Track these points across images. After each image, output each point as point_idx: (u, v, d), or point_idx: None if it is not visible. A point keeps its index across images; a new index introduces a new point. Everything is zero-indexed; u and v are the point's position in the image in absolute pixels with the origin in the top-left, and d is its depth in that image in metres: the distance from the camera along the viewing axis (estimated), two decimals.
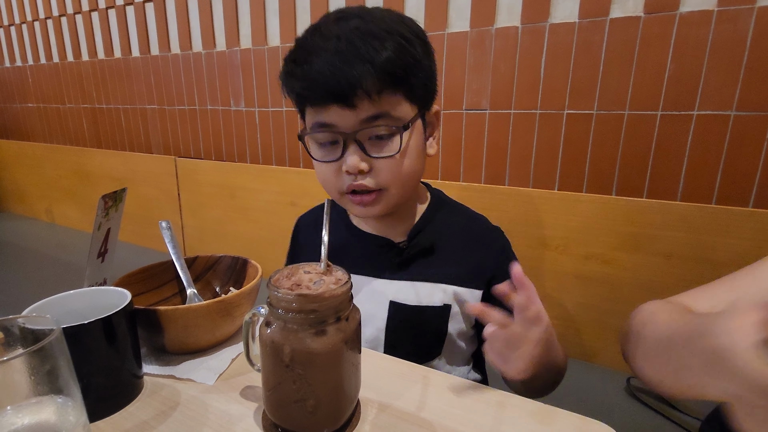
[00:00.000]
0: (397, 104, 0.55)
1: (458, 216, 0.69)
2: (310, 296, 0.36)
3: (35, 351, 0.30)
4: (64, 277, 1.61)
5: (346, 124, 0.55)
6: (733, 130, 0.90)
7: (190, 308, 0.48)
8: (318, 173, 0.62)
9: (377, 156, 0.56)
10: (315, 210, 0.78)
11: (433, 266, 0.64)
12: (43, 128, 2.33)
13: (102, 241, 0.58)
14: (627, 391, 0.94)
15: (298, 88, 0.56)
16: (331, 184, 0.60)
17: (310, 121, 0.58)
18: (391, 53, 0.52)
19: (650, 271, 0.96)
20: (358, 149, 0.56)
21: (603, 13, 0.97)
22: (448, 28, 1.14)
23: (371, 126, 0.55)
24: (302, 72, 0.54)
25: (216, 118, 1.67)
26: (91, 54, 1.96)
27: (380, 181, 0.57)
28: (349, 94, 0.52)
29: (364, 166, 0.56)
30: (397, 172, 0.57)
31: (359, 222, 0.68)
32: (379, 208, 0.60)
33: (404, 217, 0.66)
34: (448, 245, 0.65)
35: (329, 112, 0.55)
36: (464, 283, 0.63)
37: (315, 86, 0.54)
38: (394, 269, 0.64)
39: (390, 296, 0.63)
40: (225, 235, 1.69)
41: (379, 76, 0.52)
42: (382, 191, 0.58)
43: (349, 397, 0.40)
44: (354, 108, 0.53)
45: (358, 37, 0.52)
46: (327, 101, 0.54)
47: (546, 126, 1.07)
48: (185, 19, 1.62)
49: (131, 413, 0.43)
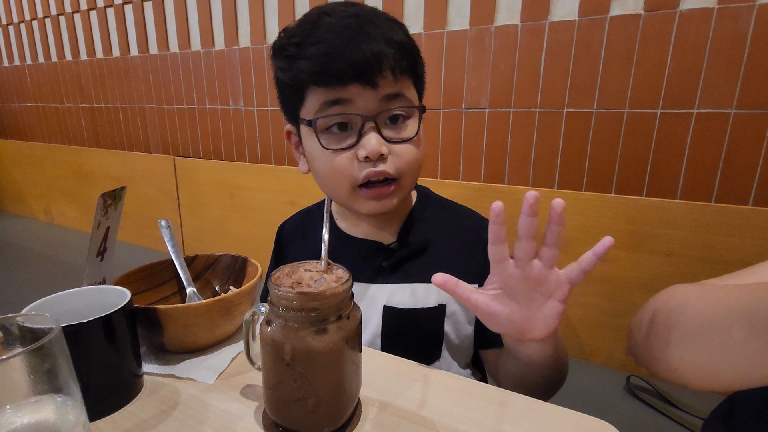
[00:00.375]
0: (409, 88, 0.55)
1: (447, 212, 0.67)
2: (311, 294, 0.35)
3: (35, 349, 0.30)
4: (63, 276, 1.61)
5: (365, 105, 0.51)
6: (733, 128, 0.90)
7: (190, 307, 0.47)
8: (324, 167, 0.56)
9: (394, 140, 0.53)
10: (299, 216, 0.73)
11: (426, 265, 0.61)
12: (42, 128, 2.32)
13: (101, 239, 0.58)
14: (627, 390, 0.94)
15: (310, 66, 0.51)
16: (343, 177, 0.54)
17: (314, 104, 0.53)
18: (404, 36, 0.53)
19: (650, 270, 0.96)
20: (378, 132, 0.52)
21: (603, 11, 0.96)
22: (448, 27, 1.14)
23: (390, 107, 0.52)
24: (318, 50, 0.50)
25: (215, 117, 1.66)
26: (89, 53, 1.96)
27: (397, 168, 0.54)
28: (374, 70, 0.50)
29: (385, 150, 0.52)
30: (414, 159, 0.55)
31: (347, 227, 0.65)
32: (395, 200, 0.56)
33: (394, 217, 0.63)
34: (439, 242, 0.63)
35: (348, 91, 0.51)
36: (458, 278, 0.61)
37: (336, 62, 0.49)
38: (386, 273, 0.62)
39: (383, 301, 0.61)
40: (224, 234, 1.68)
41: (399, 55, 0.51)
42: (396, 181, 0.55)
43: (350, 395, 0.39)
44: (375, 86, 0.50)
45: (376, 17, 0.52)
46: (349, 79, 0.50)
47: (546, 124, 1.07)
48: (184, 18, 1.62)
49: (131, 412, 0.43)
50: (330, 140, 0.54)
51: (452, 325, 0.61)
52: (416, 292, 0.61)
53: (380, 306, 0.61)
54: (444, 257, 0.62)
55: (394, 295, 0.61)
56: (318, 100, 0.53)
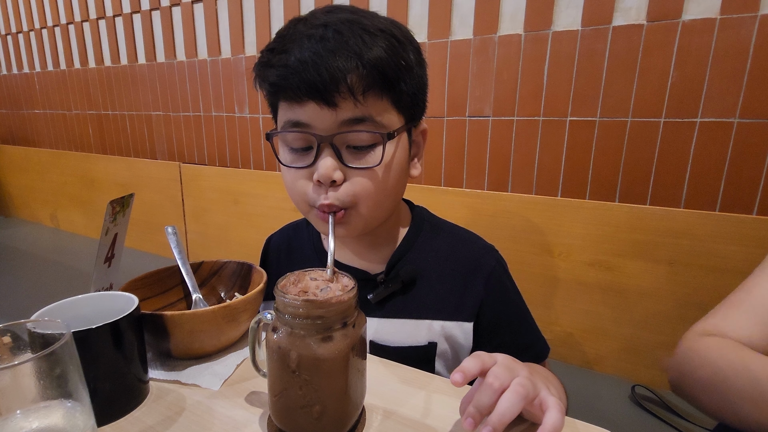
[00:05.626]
0: (383, 110, 0.49)
1: (443, 238, 0.62)
2: (317, 302, 0.36)
3: (46, 355, 0.30)
4: (69, 282, 1.61)
5: (322, 126, 0.48)
6: (736, 137, 0.91)
7: (196, 313, 0.48)
8: (285, 182, 0.54)
9: (354, 166, 0.49)
10: (285, 231, 0.70)
11: (416, 300, 0.57)
12: (49, 134, 2.34)
13: (109, 246, 0.58)
14: (631, 399, 0.93)
15: (272, 77, 0.49)
16: (298, 195, 0.53)
17: (282, 119, 0.51)
18: (383, 51, 0.47)
19: (653, 278, 0.96)
20: (334, 155, 0.48)
21: (606, 21, 0.97)
22: (452, 36, 1.15)
23: (351, 130, 0.48)
24: (279, 60, 0.47)
25: (221, 124, 1.68)
26: (97, 61, 1.98)
27: (352, 195, 0.50)
28: (331, 89, 0.45)
29: (338, 176, 0.48)
30: (373, 188, 0.50)
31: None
32: (350, 229, 0.52)
33: (383, 243, 0.59)
34: (432, 274, 0.58)
35: (305, 110, 0.48)
36: (451, 316, 0.57)
37: (291, 76, 0.46)
38: (371, 306, 0.57)
39: (369, 336, 0.56)
40: (228, 240, 1.69)
41: (367, 73, 0.46)
42: (351, 209, 0.51)
43: (355, 403, 0.40)
44: (334, 107, 0.47)
45: (348, 28, 0.47)
46: (303, 95, 0.47)
47: (549, 133, 1.08)
48: (191, 27, 1.64)
49: (137, 418, 0.43)
50: (291, 156, 0.52)
51: (443, 364, 0.58)
52: (402, 329, 0.57)
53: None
54: (436, 290, 0.58)
55: (379, 331, 0.57)
56: (284, 114, 0.51)
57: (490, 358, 0.39)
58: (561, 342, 1.07)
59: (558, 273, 1.05)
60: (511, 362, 0.39)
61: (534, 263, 1.06)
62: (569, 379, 0.57)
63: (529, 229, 1.06)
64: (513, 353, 0.49)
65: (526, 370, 0.39)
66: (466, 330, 0.58)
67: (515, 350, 0.53)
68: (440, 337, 0.57)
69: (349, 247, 0.60)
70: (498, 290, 0.59)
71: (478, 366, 0.37)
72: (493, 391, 0.36)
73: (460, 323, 0.57)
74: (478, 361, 0.37)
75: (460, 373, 0.36)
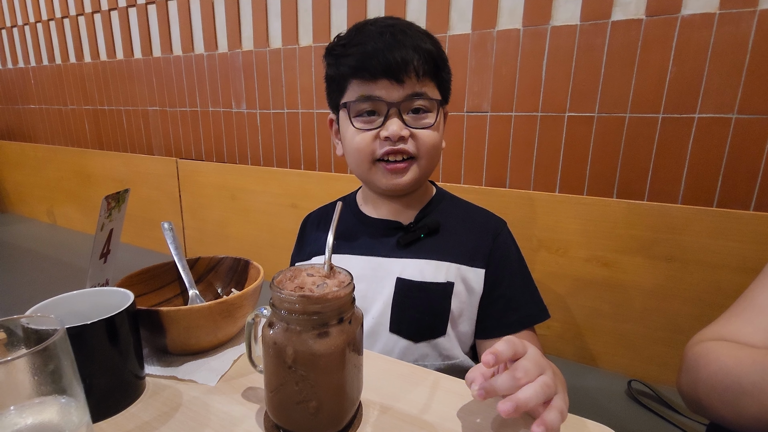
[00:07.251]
0: (432, 89, 0.66)
1: (461, 206, 0.77)
2: (313, 297, 0.36)
3: (39, 351, 0.30)
4: (66, 278, 1.61)
5: (390, 98, 0.63)
6: (734, 133, 0.91)
7: (192, 309, 0.48)
8: (352, 143, 0.67)
9: (415, 126, 0.65)
10: (323, 207, 0.84)
11: (438, 245, 0.69)
12: (45, 129, 2.33)
13: (105, 241, 0.58)
14: (628, 395, 0.93)
15: (351, 61, 0.63)
16: (365, 152, 0.66)
17: (353, 94, 0.65)
18: (432, 46, 0.64)
19: (651, 274, 0.96)
20: (400, 118, 0.63)
21: (604, 15, 0.97)
22: (450, 31, 1.14)
23: (413, 100, 0.64)
24: (356, 50, 0.63)
25: (217, 119, 1.67)
26: (93, 56, 1.97)
27: (415, 148, 0.65)
28: (401, 69, 0.61)
29: (405, 132, 0.63)
30: (431, 143, 0.65)
31: (368, 210, 0.74)
32: (409, 176, 0.66)
33: (415, 205, 0.73)
34: (452, 227, 0.71)
35: (378, 85, 0.63)
36: (467, 261, 0.68)
37: (369, 59, 0.62)
38: (401, 248, 0.69)
39: (397, 273, 0.67)
40: (226, 236, 1.69)
41: (424, 61, 0.63)
42: (413, 160, 0.66)
43: (351, 398, 0.40)
44: (401, 83, 0.62)
45: (408, 29, 0.64)
46: (379, 74, 0.62)
47: (547, 128, 1.07)
48: (187, 21, 1.63)
49: (133, 414, 0.43)
50: (360, 123, 0.66)
51: (458, 303, 0.67)
52: (426, 268, 0.67)
53: (394, 278, 0.67)
54: (455, 239, 0.70)
55: (407, 268, 0.68)
56: (355, 92, 0.65)
57: (523, 347, 0.41)
58: (558, 337, 1.07)
59: (555, 269, 1.05)
60: (540, 358, 0.41)
61: (532, 259, 1.06)
62: (566, 374, 0.57)
63: (526, 224, 1.06)
64: (507, 307, 0.67)
65: (551, 370, 0.41)
66: (479, 275, 0.68)
67: (510, 305, 0.67)
68: (457, 278, 0.67)
69: (389, 207, 0.73)
70: (504, 247, 0.72)
71: (510, 351, 0.40)
72: (516, 382, 0.38)
73: (474, 269, 0.68)
74: (511, 346, 0.40)
75: (493, 355, 0.39)
